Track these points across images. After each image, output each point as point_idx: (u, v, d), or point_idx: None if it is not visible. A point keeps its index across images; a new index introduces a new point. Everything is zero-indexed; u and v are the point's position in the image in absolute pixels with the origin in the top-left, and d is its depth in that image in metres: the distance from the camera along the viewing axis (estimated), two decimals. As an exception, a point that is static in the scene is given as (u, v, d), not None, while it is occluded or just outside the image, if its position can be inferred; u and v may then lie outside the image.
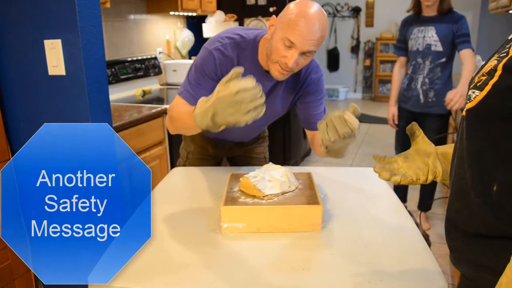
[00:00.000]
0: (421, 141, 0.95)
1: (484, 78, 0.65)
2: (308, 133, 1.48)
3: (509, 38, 0.65)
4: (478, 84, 0.66)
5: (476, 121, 0.66)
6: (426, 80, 2.40)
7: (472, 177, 0.66)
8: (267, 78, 1.29)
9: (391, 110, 2.65)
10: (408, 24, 2.48)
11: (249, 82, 0.91)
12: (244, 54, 1.29)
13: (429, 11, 2.35)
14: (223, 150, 1.67)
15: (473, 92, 0.66)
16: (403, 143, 2.66)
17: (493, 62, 0.65)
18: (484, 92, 0.63)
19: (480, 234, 0.66)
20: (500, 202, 0.62)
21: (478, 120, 0.65)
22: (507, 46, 0.64)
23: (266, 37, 1.27)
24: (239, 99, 0.91)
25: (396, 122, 2.64)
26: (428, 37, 2.36)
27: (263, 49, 1.27)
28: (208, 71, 1.27)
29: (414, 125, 0.97)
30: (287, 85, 1.37)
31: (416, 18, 2.43)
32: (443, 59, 2.35)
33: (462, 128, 0.70)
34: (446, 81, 2.39)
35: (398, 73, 2.61)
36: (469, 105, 0.67)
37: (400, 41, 2.55)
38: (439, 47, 2.34)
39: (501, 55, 0.64)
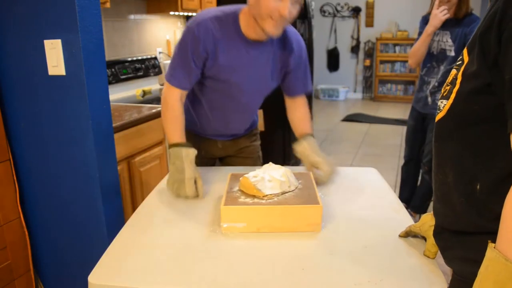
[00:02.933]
0: (421, 224, 0.97)
1: (448, 87, 0.70)
2: (288, 99, 1.59)
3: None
4: (444, 94, 0.71)
5: (450, 128, 0.70)
6: (436, 83, 2.39)
7: (455, 179, 0.69)
8: (251, 47, 1.36)
9: (433, 16, 2.31)
10: (426, 24, 2.45)
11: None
12: (225, 27, 1.33)
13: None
14: (216, 149, 1.67)
15: (441, 102, 0.71)
16: (411, 141, 2.66)
17: (453, 71, 0.70)
18: (451, 101, 0.68)
19: (467, 232, 0.69)
20: (483, 200, 0.65)
21: (451, 127, 0.69)
22: (461, 54, 0.69)
23: (245, 10, 1.33)
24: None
25: (442, 11, 2.28)
26: (442, 41, 2.33)
27: (245, 19, 1.33)
28: (191, 48, 1.31)
29: (405, 234, 1.02)
30: (275, 55, 1.43)
31: None
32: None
33: (435, 136, 0.74)
34: None
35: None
36: (440, 115, 0.71)
37: (420, 34, 2.50)
38: (453, 52, 2.30)
39: (458, 63, 0.69)
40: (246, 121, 1.63)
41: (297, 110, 1.58)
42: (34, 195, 1.66)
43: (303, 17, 3.68)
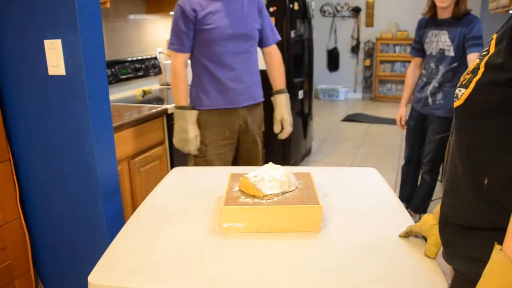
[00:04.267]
0: (422, 223, 0.97)
1: (468, 76, 0.68)
2: (264, 53, 2.05)
3: (491, 38, 0.68)
4: (463, 83, 0.69)
5: (464, 118, 0.69)
6: (436, 84, 2.39)
7: (464, 171, 0.68)
8: None
9: (400, 111, 2.67)
10: (423, 26, 2.45)
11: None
12: None
13: (444, 13, 2.31)
14: (237, 120, 1.94)
15: (460, 91, 0.70)
16: (411, 141, 2.65)
17: (476, 61, 0.68)
18: (469, 90, 0.67)
19: (475, 227, 0.67)
20: (491, 194, 0.64)
21: (466, 117, 0.68)
22: (488, 44, 0.67)
23: None
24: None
25: (403, 123, 2.67)
26: (441, 41, 2.33)
27: None
28: (181, 17, 1.76)
29: (405, 234, 1.03)
30: (248, 3, 1.88)
31: (431, 21, 2.40)
32: (455, 64, 2.31)
33: (453, 126, 0.73)
34: (456, 85, 2.33)
35: (411, 75, 2.60)
36: (457, 103, 0.70)
37: (416, 41, 2.53)
38: (452, 52, 2.30)
39: (482, 54, 0.68)
40: (247, 66, 1.91)
41: (273, 64, 2.04)
42: (34, 195, 1.66)
43: (303, 17, 3.68)
